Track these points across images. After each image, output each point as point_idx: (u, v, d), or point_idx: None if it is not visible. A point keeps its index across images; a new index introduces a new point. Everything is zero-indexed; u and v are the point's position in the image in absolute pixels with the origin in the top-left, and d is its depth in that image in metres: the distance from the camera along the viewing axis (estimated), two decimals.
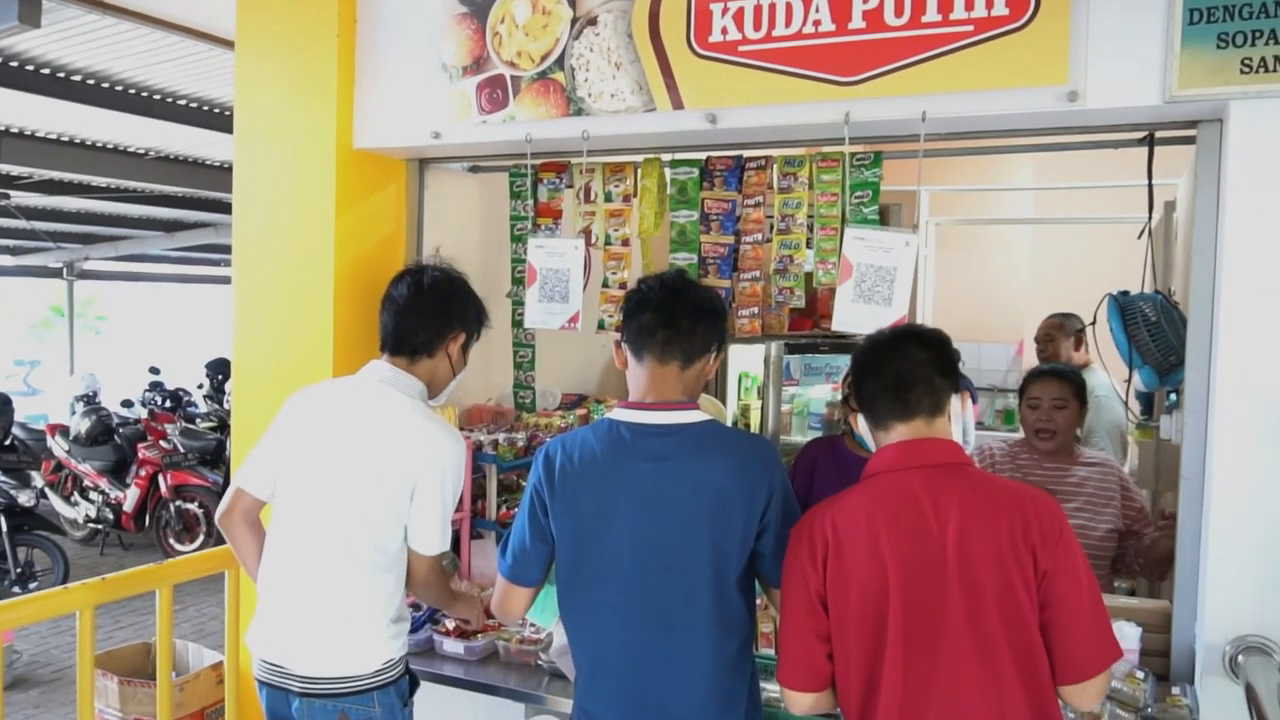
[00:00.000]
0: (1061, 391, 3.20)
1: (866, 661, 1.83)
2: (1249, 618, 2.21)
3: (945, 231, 5.99)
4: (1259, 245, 2.18)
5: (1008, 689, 1.76)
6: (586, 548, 2.06)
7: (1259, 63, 2.14)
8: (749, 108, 2.62)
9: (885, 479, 1.89)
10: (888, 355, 1.96)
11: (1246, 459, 2.21)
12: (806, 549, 1.90)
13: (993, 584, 1.77)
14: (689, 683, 2.01)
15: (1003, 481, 1.93)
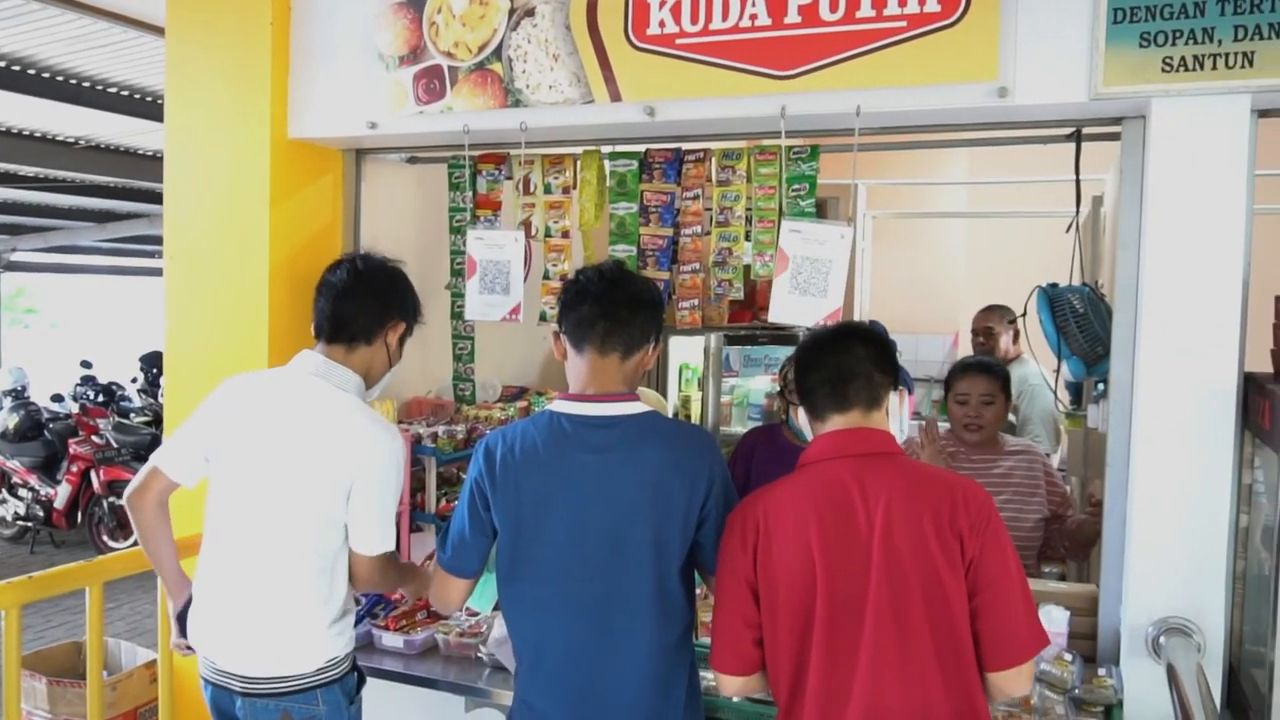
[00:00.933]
0: (989, 387, 3.26)
1: (795, 648, 1.86)
2: (1171, 600, 2.28)
3: (883, 224, 6.06)
4: (1178, 239, 2.25)
5: (929, 676, 1.79)
6: (528, 539, 2.06)
7: (1179, 62, 2.20)
8: (686, 100, 2.63)
9: (817, 468, 1.92)
10: (829, 350, 1.99)
11: (1168, 447, 2.28)
12: (739, 537, 1.92)
13: (918, 572, 1.80)
14: (629, 672, 2.02)
15: (932, 470, 1.97)
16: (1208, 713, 1.84)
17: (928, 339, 6.30)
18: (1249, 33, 2.15)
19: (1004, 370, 3.39)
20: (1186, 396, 2.25)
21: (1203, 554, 2.25)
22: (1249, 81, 2.16)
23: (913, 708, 1.79)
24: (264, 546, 2.28)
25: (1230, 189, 2.21)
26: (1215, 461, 2.23)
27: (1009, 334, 4.61)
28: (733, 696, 2.30)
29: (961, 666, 1.81)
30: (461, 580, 2.16)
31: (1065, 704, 2.24)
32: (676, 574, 2.05)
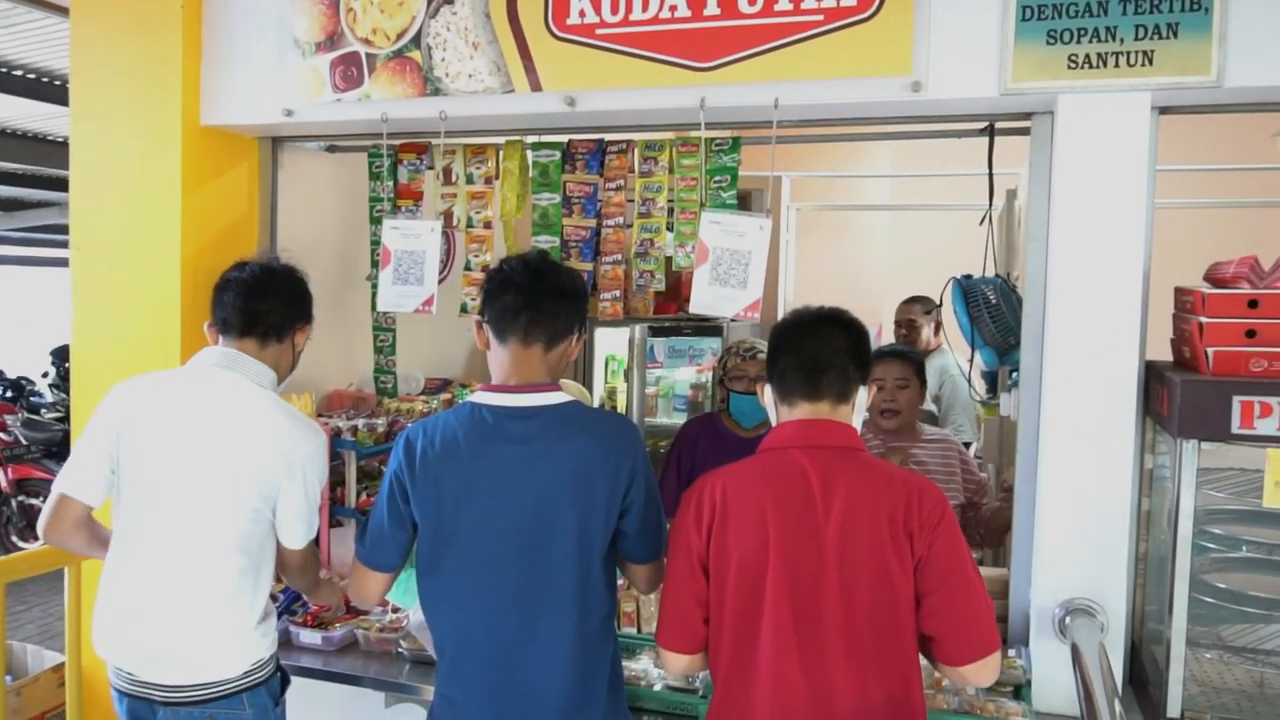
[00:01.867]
0: (903, 372, 3.32)
1: (740, 630, 1.88)
2: (1076, 582, 2.35)
3: (809, 217, 6.13)
4: (1083, 232, 2.31)
5: (869, 667, 1.83)
6: (449, 532, 2.04)
7: (1084, 59, 2.26)
8: (607, 91, 2.63)
9: (780, 454, 1.93)
10: (808, 334, 1.98)
11: (1073, 433, 2.34)
12: (694, 514, 1.93)
13: (868, 566, 1.82)
14: (551, 662, 2.02)
15: (891, 468, 1.99)
16: (1108, 690, 1.90)
17: None
18: (1149, 32, 2.22)
19: (918, 356, 3.46)
20: (1091, 385, 2.32)
21: (1106, 537, 2.33)
22: (1149, 79, 2.23)
23: (852, 696, 1.83)
24: (184, 549, 2.22)
25: (1132, 183, 2.28)
26: (1118, 447, 2.31)
27: (930, 325, 4.70)
28: (677, 676, 2.30)
29: (901, 659, 1.85)
30: (380, 575, 2.14)
31: None
32: (598, 563, 2.05)
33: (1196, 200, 4.75)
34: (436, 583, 2.08)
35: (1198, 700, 2.24)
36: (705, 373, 4.49)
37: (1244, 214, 4.70)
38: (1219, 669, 2.40)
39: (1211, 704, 2.24)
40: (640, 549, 2.09)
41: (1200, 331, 2.18)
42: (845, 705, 1.82)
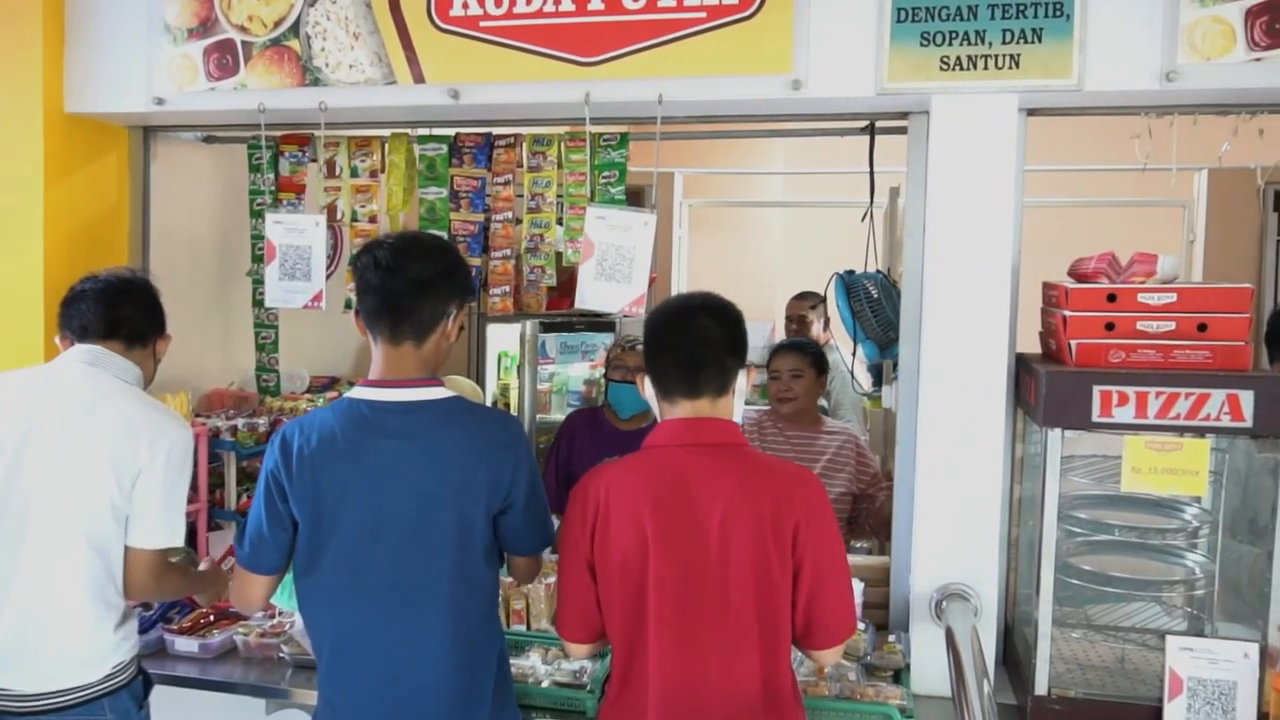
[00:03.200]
0: (798, 362, 3.41)
1: (627, 628, 1.89)
2: (952, 568, 2.43)
3: (704, 213, 6.19)
4: (956, 229, 2.39)
5: (751, 661, 1.85)
6: (328, 530, 1.99)
7: (955, 61, 2.34)
8: (491, 84, 2.61)
9: (663, 452, 1.93)
10: (682, 330, 1.96)
11: (949, 424, 2.42)
12: (579, 514, 1.93)
13: (751, 561, 1.85)
14: (434, 660, 1.99)
15: (773, 462, 2.01)
16: (978, 670, 1.96)
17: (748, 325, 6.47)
18: (1015, 37, 2.31)
19: (814, 347, 3.55)
20: (964, 377, 2.40)
21: (980, 524, 2.41)
22: (1016, 82, 2.32)
23: (733, 690, 1.85)
24: (40, 548, 2.12)
25: (1002, 182, 2.36)
26: (989, 437, 2.39)
27: (820, 321, 4.79)
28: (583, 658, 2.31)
29: (779, 650, 1.88)
30: (262, 578, 2.07)
31: (858, 670, 2.35)
32: (481, 559, 2.03)
33: (1066, 199, 4.97)
34: (315, 582, 2.03)
35: (1064, 677, 2.34)
36: (599, 369, 4.49)
37: (1113, 211, 4.93)
38: (1084, 647, 2.51)
39: (1077, 680, 2.33)
40: (523, 543, 2.09)
41: (1064, 325, 2.27)
42: (725, 698, 1.85)
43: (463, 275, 2.10)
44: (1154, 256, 2.26)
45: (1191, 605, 2.50)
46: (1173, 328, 2.20)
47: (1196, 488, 2.20)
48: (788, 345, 3.53)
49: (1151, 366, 2.19)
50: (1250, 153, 2.66)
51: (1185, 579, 2.46)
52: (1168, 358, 2.20)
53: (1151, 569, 2.48)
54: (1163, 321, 2.20)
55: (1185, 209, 4.57)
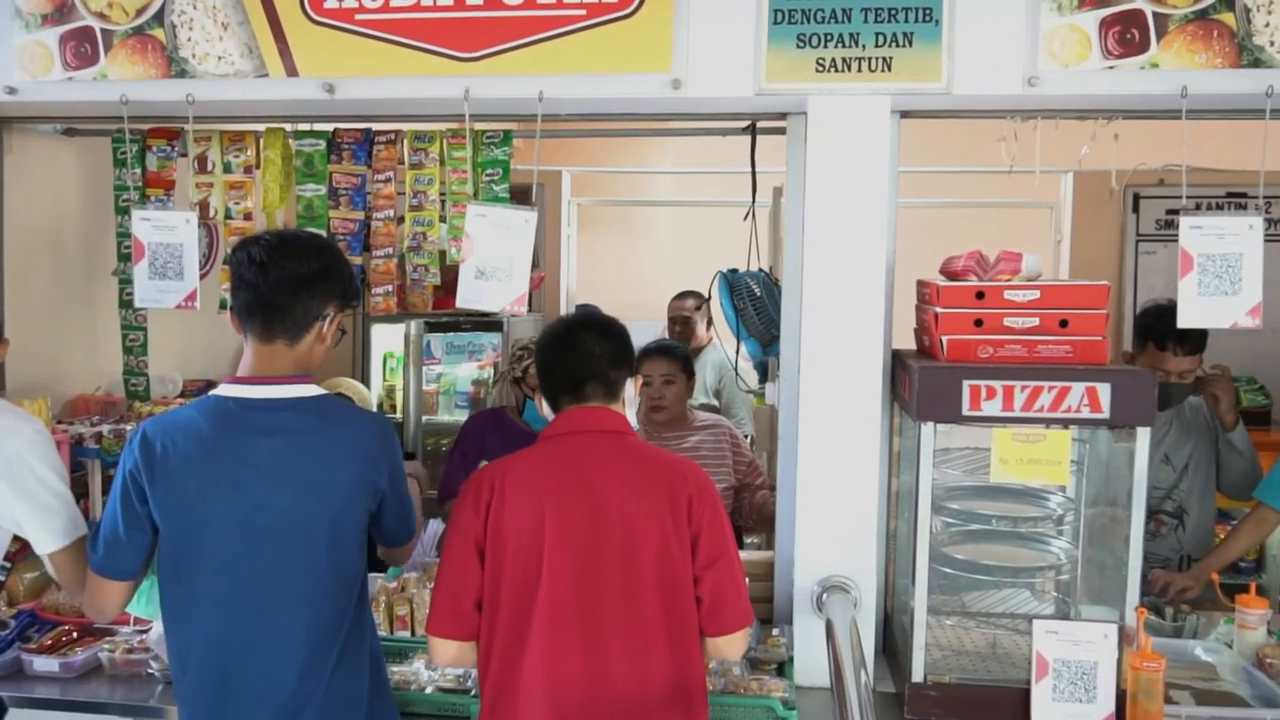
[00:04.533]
0: (669, 368, 3.43)
1: (515, 613, 1.88)
2: (833, 560, 2.48)
3: (595, 212, 6.19)
4: (833, 228, 2.44)
5: (656, 647, 1.87)
6: (196, 532, 1.92)
7: (830, 63, 2.39)
8: (368, 79, 2.55)
9: (558, 441, 1.98)
10: (565, 350, 2.03)
11: (828, 420, 2.47)
12: (472, 497, 1.93)
13: (651, 544, 1.87)
14: (305, 662, 1.93)
15: (659, 451, 2.07)
16: (855, 660, 2.00)
17: (640, 325, 6.46)
18: (888, 40, 2.36)
19: (682, 350, 3.57)
20: (842, 373, 2.45)
21: (858, 517, 2.46)
22: (888, 84, 2.38)
23: (636, 677, 1.86)
24: None
25: (876, 182, 2.42)
26: (867, 432, 2.45)
27: (703, 320, 4.82)
28: (444, 666, 2.26)
29: (686, 636, 1.90)
30: (118, 584, 1.98)
31: (742, 664, 2.37)
32: (353, 557, 1.99)
33: (942, 200, 5.14)
34: (182, 588, 1.95)
35: (940, 664, 2.40)
36: (487, 369, 4.45)
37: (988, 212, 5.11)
38: (959, 634, 2.59)
39: (952, 666, 2.40)
40: (395, 535, 2.14)
41: (936, 321, 2.34)
42: (626, 687, 1.85)
43: (342, 277, 2.05)
44: (1019, 255, 2.35)
45: (1058, 590, 2.61)
46: (1036, 323, 2.29)
47: (1059, 477, 2.29)
48: (656, 349, 3.53)
49: (1017, 361, 2.28)
50: (1112, 156, 2.78)
51: (1052, 565, 2.56)
52: (1032, 352, 2.28)
53: (1021, 556, 2.57)
54: (1027, 317, 2.29)
55: (1053, 210, 4.77)
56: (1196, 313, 2.33)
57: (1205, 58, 2.32)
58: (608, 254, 6.21)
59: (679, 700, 1.87)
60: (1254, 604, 2.50)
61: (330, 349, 2.07)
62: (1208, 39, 2.31)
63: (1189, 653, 2.55)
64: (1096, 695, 2.19)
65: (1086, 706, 2.19)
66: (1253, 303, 2.30)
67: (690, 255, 6.41)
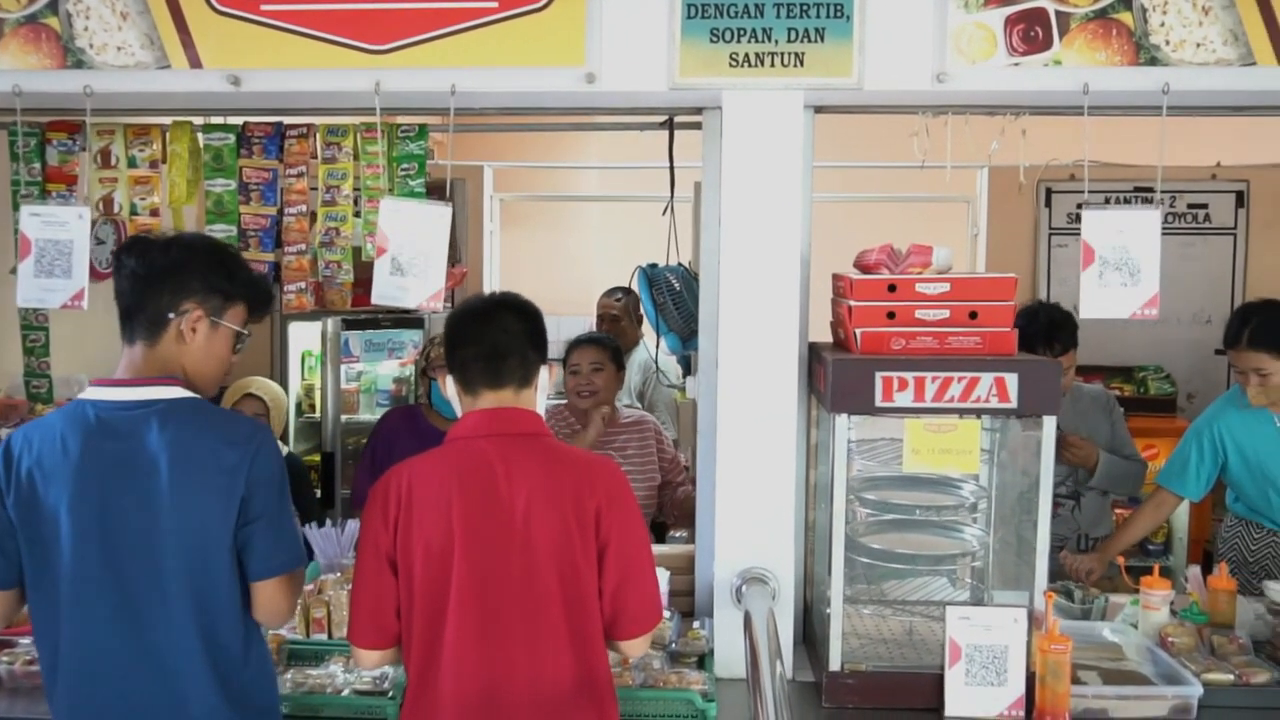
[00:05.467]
0: (597, 356, 3.43)
1: (429, 623, 1.86)
2: (752, 552, 2.49)
3: (522, 208, 6.15)
4: (748, 222, 2.45)
5: (561, 651, 1.85)
6: (50, 540, 1.84)
7: (744, 58, 2.40)
8: (276, 71, 2.49)
9: (465, 444, 1.93)
10: (485, 323, 1.98)
11: (745, 413, 2.48)
12: (380, 508, 1.89)
13: (556, 551, 1.85)
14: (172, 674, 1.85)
15: (574, 451, 2.03)
16: (771, 651, 2.02)
17: (568, 320, 6.47)
18: (800, 35, 2.39)
19: (612, 341, 3.57)
20: (759, 366, 2.47)
21: (776, 509, 2.49)
22: (801, 79, 2.40)
23: (543, 682, 1.85)
24: None
25: (790, 177, 2.44)
26: (783, 424, 2.47)
27: (634, 317, 4.79)
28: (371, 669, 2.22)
29: (590, 639, 1.89)
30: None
31: (663, 658, 2.38)
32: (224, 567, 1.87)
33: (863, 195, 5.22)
34: (42, 596, 1.88)
35: (858, 652, 2.44)
36: (408, 366, 4.39)
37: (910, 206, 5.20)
38: (877, 622, 2.63)
39: (869, 654, 2.44)
40: (264, 561, 1.88)
41: (850, 314, 2.36)
42: (531, 691, 1.84)
43: (200, 273, 1.94)
44: (929, 248, 2.39)
45: (973, 576, 2.66)
46: (947, 315, 2.33)
47: (970, 465, 2.35)
48: (586, 339, 3.55)
49: (929, 353, 2.32)
50: (1025, 152, 2.84)
51: (966, 552, 2.61)
52: (943, 344, 2.32)
53: (936, 544, 2.62)
54: (938, 310, 2.33)
55: (969, 205, 4.87)
56: (1098, 304, 2.40)
57: (1105, 55, 2.39)
58: (533, 249, 6.17)
59: (588, 702, 1.87)
60: (1157, 585, 2.58)
61: (221, 350, 1.98)
62: (1107, 37, 2.38)
63: (1097, 634, 2.62)
64: (1007, 678, 2.24)
65: (998, 690, 2.24)
66: (1150, 294, 2.37)
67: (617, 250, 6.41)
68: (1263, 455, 3.09)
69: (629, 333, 4.75)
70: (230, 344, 2.01)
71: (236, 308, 2.00)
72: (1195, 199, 4.53)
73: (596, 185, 6.56)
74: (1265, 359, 2.96)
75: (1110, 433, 3.37)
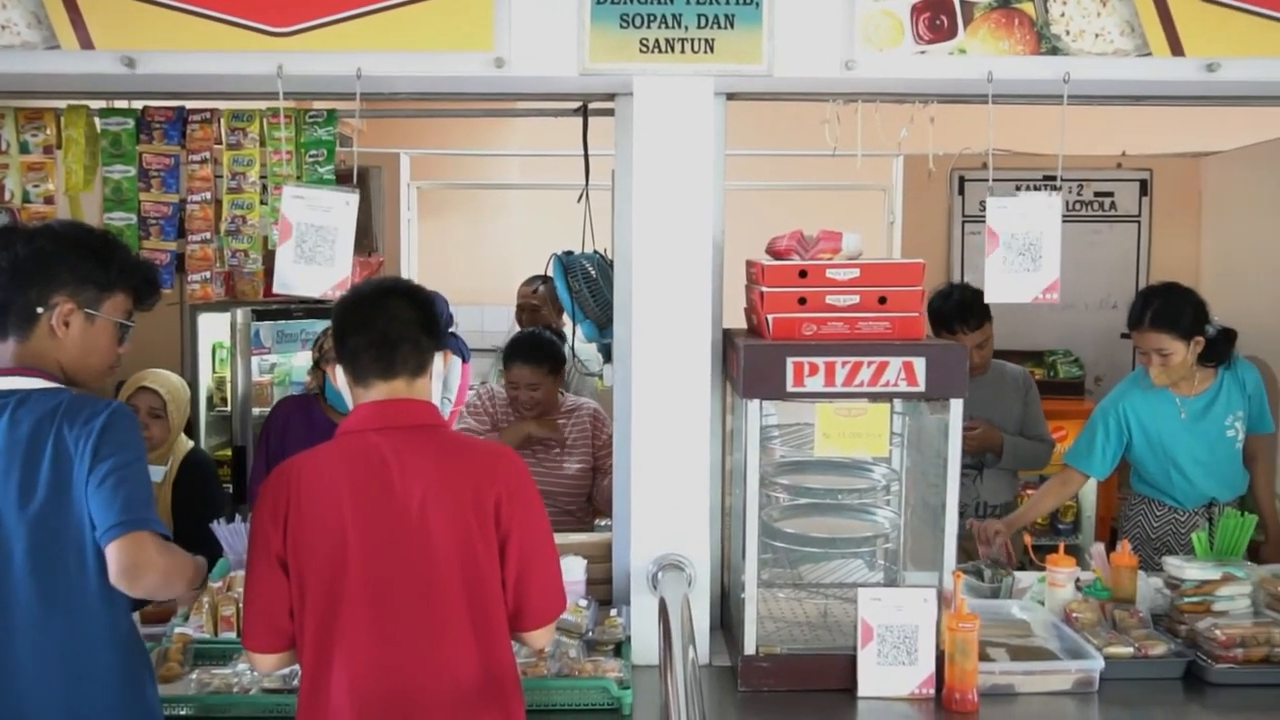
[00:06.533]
0: (533, 377, 3.39)
1: (323, 623, 1.81)
2: (668, 539, 2.49)
3: (443, 196, 6.06)
4: (661, 209, 2.44)
5: (464, 646, 1.82)
6: None
7: (654, 44, 2.39)
8: (173, 53, 2.41)
9: (357, 438, 1.87)
10: (375, 310, 1.92)
11: (660, 400, 2.48)
12: (269, 507, 1.84)
13: (455, 544, 1.82)
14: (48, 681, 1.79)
15: (471, 442, 2.00)
16: (685, 637, 2.02)
17: (491, 310, 6.41)
18: (710, 21, 2.38)
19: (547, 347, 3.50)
20: (673, 353, 2.46)
21: (691, 495, 2.49)
22: (711, 66, 2.40)
23: (445, 678, 1.81)
24: None
25: (702, 163, 2.44)
26: (697, 411, 2.47)
27: (551, 305, 4.73)
28: (269, 673, 2.18)
29: (494, 632, 1.86)
30: None
31: (579, 647, 2.37)
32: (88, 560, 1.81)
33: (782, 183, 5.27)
34: None
35: (774, 635, 2.46)
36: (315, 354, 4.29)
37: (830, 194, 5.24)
38: (792, 605, 2.66)
39: (784, 637, 2.46)
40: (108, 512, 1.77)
41: (762, 300, 2.38)
42: (432, 688, 1.81)
43: (69, 263, 1.88)
44: (839, 234, 2.41)
45: (886, 558, 2.70)
46: (857, 301, 2.35)
47: (879, 449, 2.38)
48: (521, 353, 3.46)
49: (839, 338, 2.34)
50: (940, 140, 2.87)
51: (879, 534, 2.65)
52: (854, 329, 2.35)
53: (850, 527, 2.65)
54: (848, 295, 2.35)
55: (885, 192, 4.94)
56: (1002, 288, 2.45)
57: (1008, 44, 2.43)
58: (455, 239, 6.09)
59: (492, 697, 1.84)
60: (1062, 563, 2.65)
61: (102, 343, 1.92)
62: (1010, 26, 2.42)
63: (1006, 612, 2.68)
64: (918, 657, 2.28)
65: (908, 669, 2.28)
66: (1051, 279, 2.42)
67: (540, 239, 6.35)
68: (1164, 434, 3.20)
69: (549, 321, 4.70)
70: (112, 336, 1.94)
71: (115, 298, 1.93)
72: (1102, 187, 4.66)
73: (520, 173, 6.49)
74: (1166, 339, 3.07)
75: (1022, 413, 3.45)
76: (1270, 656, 2.37)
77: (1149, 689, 2.36)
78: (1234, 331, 3.22)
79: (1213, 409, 3.20)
